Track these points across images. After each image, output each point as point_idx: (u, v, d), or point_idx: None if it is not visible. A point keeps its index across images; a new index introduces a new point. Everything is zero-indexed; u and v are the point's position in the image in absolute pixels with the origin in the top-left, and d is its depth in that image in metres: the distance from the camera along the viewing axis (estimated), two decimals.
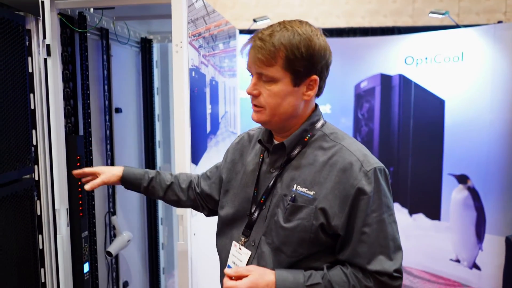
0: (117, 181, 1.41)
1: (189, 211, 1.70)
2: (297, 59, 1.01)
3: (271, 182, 1.10)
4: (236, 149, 1.27)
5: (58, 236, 1.83)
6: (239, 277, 1.02)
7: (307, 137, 1.10)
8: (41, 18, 1.73)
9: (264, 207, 1.11)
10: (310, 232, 1.03)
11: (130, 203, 2.61)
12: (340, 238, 1.04)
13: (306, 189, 1.04)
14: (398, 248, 1.04)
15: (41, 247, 1.78)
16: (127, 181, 1.41)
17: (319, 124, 1.12)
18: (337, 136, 1.10)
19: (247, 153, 1.22)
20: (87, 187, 1.37)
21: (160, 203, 2.86)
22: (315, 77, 1.05)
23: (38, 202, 1.77)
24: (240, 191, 1.18)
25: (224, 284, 1.03)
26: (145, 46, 2.67)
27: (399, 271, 1.02)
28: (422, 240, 3.71)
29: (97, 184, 1.36)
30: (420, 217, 3.73)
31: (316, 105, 1.15)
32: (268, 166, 1.13)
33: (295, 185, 1.06)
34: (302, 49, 1.01)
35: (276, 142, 1.13)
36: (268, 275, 1.02)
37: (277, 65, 1.02)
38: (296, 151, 1.09)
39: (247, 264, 1.11)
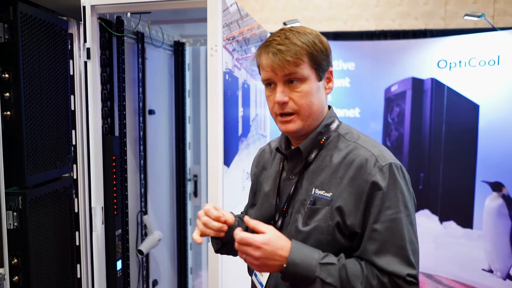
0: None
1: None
2: (318, 54, 1.05)
3: (292, 189, 1.10)
4: (258, 162, 1.28)
5: (93, 233, 1.89)
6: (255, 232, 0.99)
7: (323, 140, 1.09)
8: (82, 22, 1.79)
9: (287, 215, 1.10)
10: (327, 233, 1.01)
11: (160, 203, 2.66)
12: (357, 237, 1.01)
13: (324, 192, 1.04)
14: (415, 253, 0.99)
15: (77, 243, 1.84)
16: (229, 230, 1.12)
17: (334, 126, 1.12)
18: (352, 135, 1.10)
19: (269, 164, 1.23)
20: (198, 239, 1.08)
21: (189, 204, 2.91)
22: (330, 68, 1.11)
23: (76, 200, 1.83)
24: (264, 201, 1.18)
25: (236, 235, 0.97)
26: (178, 49, 2.72)
27: (415, 277, 0.98)
28: (452, 249, 3.61)
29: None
30: (451, 224, 3.63)
31: (330, 107, 1.15)
32: (287, 173, 1.13)
33: (313, 189, 1.06)
34: (319, 44, 1.06)
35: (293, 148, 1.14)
36: (285, 240, 0.99)
37: (304, 63, 1.03)
38: (313, 155, 1.09)
39: (270, 274, 1.11)
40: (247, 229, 1.24)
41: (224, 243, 1.20)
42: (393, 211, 0.98)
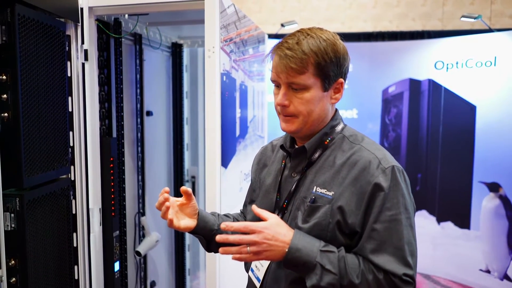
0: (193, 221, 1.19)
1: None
2: (327, 64, 1.04)
3: (293, 186, 1.12)
4: (260, 159, 1.30)
5: (91, 234, 1.89)
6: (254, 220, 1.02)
7: (327, 141, 1.12)
8: (80, 24, 1.79)
9: (286, 211, 1.12)
10: (327, 231, 1.03)
11: None
12: (356, 236, 1.03)
13: (326, 190, 1.06)
14: (413, 254, 1.01)
15: (75, 245, 1.84)
16: (203, 220, 1.20)
17: (339, 128, 1.14)
18: (357, 138, 1.12)
19: (270, 162, 1.25)
20: (173, 222, 1.17)
21: None
22: (341, 80, 1.10)
23: (73, 201, 1.83)
24: (264, 198, 1.20)
25: (240, 224, 0.98)
26: (176, 51, 2.73)
27: (412, 277, 0.99)
28: (450, 249, 3.62)
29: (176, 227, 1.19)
30: (449, 225, 3.64)
31: (336, 110, 1.16)
32: (290, 171, 1.15)
33: (315, 187, 1.07)
34: (330, 53, 1.04)
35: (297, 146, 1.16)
36: (287, 227, 1.02)
37: (308, 72, 1.03)
38: (316, 155, 1.11)
39: (267, 269, 1.13)
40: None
41: (209, 240, 1.22)
42: (393, 212, 1.00)
